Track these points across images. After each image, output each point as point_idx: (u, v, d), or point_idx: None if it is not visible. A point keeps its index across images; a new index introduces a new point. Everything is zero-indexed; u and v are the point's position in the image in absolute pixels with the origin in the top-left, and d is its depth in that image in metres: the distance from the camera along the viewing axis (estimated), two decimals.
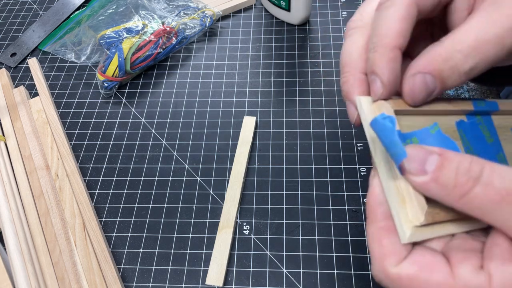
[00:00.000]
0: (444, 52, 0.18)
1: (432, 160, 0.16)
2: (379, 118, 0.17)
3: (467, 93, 0.42)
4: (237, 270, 0.34)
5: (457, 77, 0.18)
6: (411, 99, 0.19)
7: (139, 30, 0.47)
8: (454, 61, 0.18)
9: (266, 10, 0.52)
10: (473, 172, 0.15)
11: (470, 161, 0.15)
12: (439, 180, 0.16)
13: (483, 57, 0.18)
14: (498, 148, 0.21)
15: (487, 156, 0.21)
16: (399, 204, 0.17)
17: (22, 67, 0.50)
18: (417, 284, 0.16)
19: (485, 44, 0.18)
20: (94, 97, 0.46)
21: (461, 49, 0.18)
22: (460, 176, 0.15)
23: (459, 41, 0.18)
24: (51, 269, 0.34)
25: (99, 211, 0.38)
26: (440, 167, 0.16)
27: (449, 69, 0.18)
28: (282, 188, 0.38)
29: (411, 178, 0.17)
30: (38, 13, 0.56)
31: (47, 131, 0.42)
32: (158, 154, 0.41)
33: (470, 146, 0.21)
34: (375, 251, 0.17)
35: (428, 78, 0.19)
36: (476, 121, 0.22)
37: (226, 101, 0.44)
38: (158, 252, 0.35)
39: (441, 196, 0.16)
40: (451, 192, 0.15)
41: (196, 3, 0.51)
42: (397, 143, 0.16)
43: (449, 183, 0.15)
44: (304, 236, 0.35)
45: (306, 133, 0.41)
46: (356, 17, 0.22)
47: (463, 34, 0.18)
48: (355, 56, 0.21)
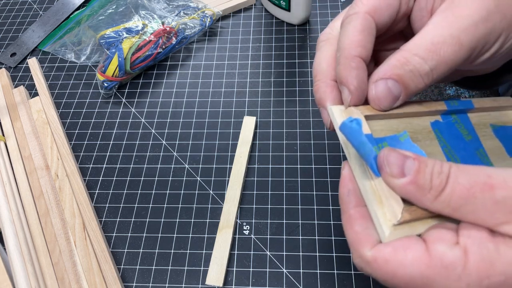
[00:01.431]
0: (402, 57, 0.19)
1: (409, 164, 0.17)
2: (346, 121, 0.18)
3: (467, 93, 0.42)
4: (237, 270, 0.34)
5: (419, 80, 0.19)
6: (377, 105, 0.20)
7: (139, 30, 0.47)
8: (412, 65, 0.19)
9: (266, 10, 0.52)
10: (444, 173, 0.16)
11: (441, 163, 0.16)
12: (417, 183, 0.16)
13: (441, 58, 0.19)
14: (477, 144, 0.22)
15: (466, 153, 0.21)
16: (377, 204, 0.18)
17: (22, 67, 0.50)
18: (393, 265, 0.16)
19: (441, 46, 0.19)
20: (94, 97, 0.46)
21: (417, 52, 0.19)
22: (435, 178, 0.16)
23: (416, 45, 0.19)
24: (51, 269, 0.34)
25: (99, 211, 0.38)
26: (418, 170, 0.16)
27: (408, 73, 0.19)
28: (282, 188, 0.38)
29: (390, 180, 0.17)
30: (38, 13, 0.56)
31: (47, 131, 0.42)
32: (158, 154, 0.41)
33: (447, 144, 0.21)
34: (350, 239, 0.18)
35: (390, 84, 0.20)
36: (452, 120, 0.23)
37: (226, 101, 0.44)
38: (158, 252, 0.35)
39: (418, 197, 0.17)
40: (427, 194, 0.16)
41: (196, 3, 0.51)
42: (365, 143, 0.18)
43: (426, 185, 0.16)
44: (304, 236, 0.35)
45: (306, 133, 0.41)
46: (326, 31, 0.24)
47: (420, 38, 0.19)
48: (324, 66, 0.22)
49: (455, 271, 0.15)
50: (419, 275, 0.16)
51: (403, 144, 0.19)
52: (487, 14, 0.19)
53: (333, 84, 0.22)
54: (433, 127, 0.22)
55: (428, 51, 0.19)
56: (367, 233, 0.18)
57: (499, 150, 0.22)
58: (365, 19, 0.20)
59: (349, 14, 0.21)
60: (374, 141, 0.19)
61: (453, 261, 0.15)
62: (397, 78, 0.19)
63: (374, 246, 0.17)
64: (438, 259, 0.16)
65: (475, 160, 0.21)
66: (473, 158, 0.21)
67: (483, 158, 0.22)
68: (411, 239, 0.17)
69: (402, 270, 0.16)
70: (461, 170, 0.16)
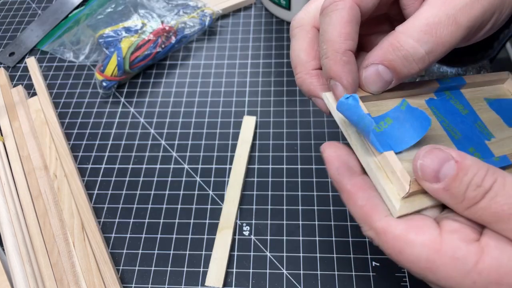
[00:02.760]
0: (395, 41, 0.18)
1: (448, 167, 0.16)
2: (342, 99, 0.18)
3: None
4: (237, 272, 0.34)
5: (412, 65, 0.19)
6: (368, 90, 0.20)
7: (138, 29, 0.47)
8: (406, 49, 0.18)
9: (266, 9, 0.52)
10: (483, 188, 0.15)
11: (485, 174, 0.15)
12: (450, 191, 0.16)
13: (438, 40, 0.18)
14: (475, 117, 0.22)
15: (465, 126, 0.22)
16: (383, 179, 0.18)
17: (20, 66, 0.50)
18: (402, 243, 0.16)
19: (437, 27, 0.18)
20: (93, 97, 0.46)
21: (412, 34, 0.18)
22: (471, 191, 0.15)
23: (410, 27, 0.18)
24: (49, 270, 0.34)
25: (97, 212, 0.38)
26: (455, 178, 0.16)
27: (401, 58, 0.18)
28: (282, 189, 0.37)
29: (423, 184, 0.17)
30: (36, 12, 0.56)
31: (46, 131, 0.42)
32: (157, 154, 0.41)
33: (445, 119, 0.21)
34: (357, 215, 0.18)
35: (381, 69, 0.19)
36: (446, 97, 0.23)
37: (225, 100, 0.44)
38: (157, 253, 0.35)
39: (450, 203, 0.16)
40: (459, 203, 0.16)
41: (196, 2, 0.51)
42: (363, 116, 0.17)
43: (459, 195, 0.16)
44: (304, 237, 0.35)
45: (306, 133, 0.41)
46: (300, 15, 0.22)
47: (414, 20, 0.18)
48: (303, 56, 0.21)
49: (465, 265, 0.15)
50: (424, 258, 0.16)
51: (405, 112, 0.19)
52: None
53: (316, 73, 0.21)
54: (429, 104, 0.22)
55: (423, 33, 0.18)
56: (372, 204, 0.17)
57: (497, 121, 0.23)
58: (351, 8, 0.19)
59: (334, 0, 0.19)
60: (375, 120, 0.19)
61: (466, 255, 0.15)
62: (388, 64, 0.19)
63: (385, 217, 0.17)
64: (450, 248, 0.15)
65: (474, 132, 0.22)
66: (472, 131, 0.22)
67: (483, 129, 0.22)
68: (426, 221, 0.16)
69: (410, 250, 0.16)
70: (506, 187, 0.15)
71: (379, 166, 0.18)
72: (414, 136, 0.19)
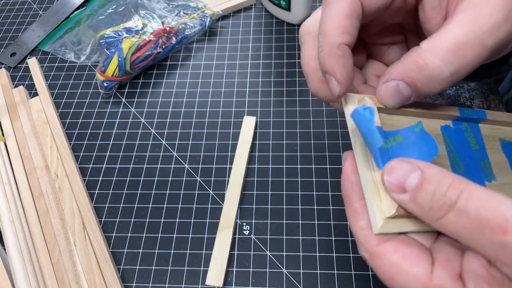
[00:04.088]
0: (419, 59, 0.18)
1: (413, 177, 0.16)
2: (359, 108, 0.18)
3: (467, 93, 0.42)
4: (237, 271, 0.34)
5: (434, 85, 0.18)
6: (385, 104, 0.20)
7: (139, 30, 0.47)
8: (431, 69, 0.18)
9: (266, 10, 0.52)
10: (448, 198, 0.15)
11: (449, 184, 0.15)
12: (416, 201, 0.16)
13: (464, 61, 0.17)
14: (483, 155, 0.22)
15: (471, 161, 0.21)
16: (373, 195, 0.18)
17: (21, 67, 0.50)
18: (395, 270, 0.16)
19: (464, 47, 0.17)
20: (94, 97, 0.46)
21: (438, 54, 0.17)
22: (435, 201, 0.15)
23: (437, 46, 0.18)
24: (50, 269, 0.34)
25: (98, 211, 0.38)
26: (419, 187, 0.15)
27: (424, 77, 0.18)
28: (282, 188, 0.38)
29: (391, 195, 0.17)
30: (37, 13, 0.56)
31: (47, 131, 0.42)
32: (157, 154, 0.41)
33: (453, 150, 0.21)
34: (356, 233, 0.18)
35: (402, 85, 0.18)
36: (462, 128, 0.22)
37: (226, 101, 0.44)
38: (158, 253, 0.35)
39: (418, 214, 0.16)
40: (427, 213, 0.15)
41: (196, 3, 0.51)
42: (374, 132, 0.17)
43: (425, 205, 0.15)
44: (304, 237, 0.35)
45: (306, 133, 0.41)
46: (309, 22, 0.22)
47: (440, 39, 0.18)
48: (313, 64, 0.21)
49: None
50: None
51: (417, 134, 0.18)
52: (508, 14, 0.17)
53: None
54: (442, 131, 0.22)
55: (450, 53, 0.17)
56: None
57: (503, 164, 0.22)
58: (353, 2, 0.18)
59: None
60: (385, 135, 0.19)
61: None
62: (409, 81, 0.18)
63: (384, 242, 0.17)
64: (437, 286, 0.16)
65: (478, 170, 0.21)
66: (477, 168, 0.21)
67: (487, 170, 0.21)
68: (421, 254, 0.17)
69: (401, 278, 0.16)
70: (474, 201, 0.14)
71: (374, 181, 0.18)
72: None
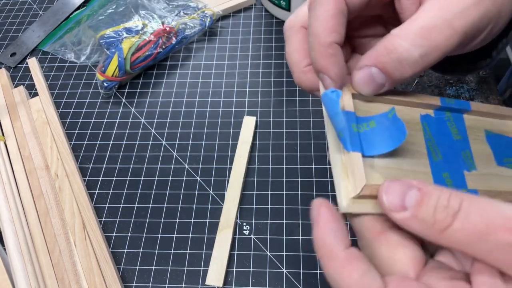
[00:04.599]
0: (389, 44, 0.18)
1: (411, 195, 0.16)
2: (327, 91, 0.18)
3: (468, 93, 0.42)
4: (237, 271, 0.34)
5: (405, 69, 0.18)
6: (360, 91, 0.20)
7: (139, 30, 0.47)
8: (399, 52, 0.18)
9: (266, 10, 0.52)
10: (451, 208, 0.15)
11: (449, 195, 0.15)
12: (418, 217, 0.15)
13: (433, 44, 0.18)
14: (464, 145, 0.22)
15: (450, 150, 0.21)
16: (341, 176, 0.18)
17: (21, 67, 0.50)
18: None
19: (433, 30, 0.18)
20: (94, 97, 0.46)
21: (406, 38, 0.18)
22: (439, 213, 0.15)
23: (405, 30, 0.18)
24: (50, 269, 0.34)
25: (98, 211, 0.38)
26: (420, 203, 0.15)
27: (393, 61, 0.18)
28: (282, 188, 0.38)
29: (391, 215, 0.16)
30: (37, 13, 0.56)
31: (47, 131, 0.42)
32: (157, 154, 0.41)
33: (432, 139, 0.21)
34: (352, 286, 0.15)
35: (374, 71, 0.19)
36: (445, 118, 0.22)
37: (226, 101, 0.44)
38: (158, 252, 0.35)
39: (422, 231, 0.15)
40: (431, 228, 0.15)
41: (196, 3, 0.51)
42: (338, 114, 0.18)
43: (428, 219, 0.15)
44: (304, 237, 0.35)
45: (306, 133, 0.41)
46: (290, 18, 0.23)
47: (409, 23, 0.18)
48: (296, 56, 0.22)
49: None
50: None
51: (389, 120, 0.19)
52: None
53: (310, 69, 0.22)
54: (422, 119, 0.22)
55: (418, 36, 0.18)
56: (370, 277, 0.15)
57: (487, 156, 0.22)
58: (337, 2, 0.19)
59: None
60: (355, 119, 0.19)
61: None
62: (381, 66, 0.19)
63: None
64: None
65: (458, 159, 0.21)
66: (456, 158, 0.21)
67: (467, 159, 0.22)
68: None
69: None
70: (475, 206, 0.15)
71: (343, 163, 0.19)
72: (387, 145, 0.19)
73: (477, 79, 0.43)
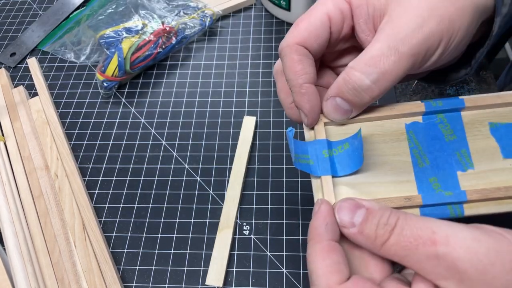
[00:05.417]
0: (346, 76, 0.21)
1: (359, 214, 0.19)
2: (287, 131, 0.22)
3: (468, 93, 0.41)
4: (237, 271, 0.34)
5: (362, 95, 0.21)
6: (331, 118, 0.23)
7: (139, 30, 0.47)
8: (353, 81, 0.20)
9: (266, 10, 0.52)
10: (389, 225, 0.18)
11: (388, 215, 0.18)
12: (364, 232, 0.18)
13: (381, 70, 0.20)
14: (460, 145, 0.22)
15: (440, 154, 0.22)
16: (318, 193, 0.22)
17: (21, 67, 0.50)
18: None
19: (380, 59, 0.20)
20: (94, 97, 0.46)
21: (358, 68, 0.20)
22: (379, 229, 0.18)
23: (357, 61, 0.20)
24: (50, 269, 0.34)
25: (98, 212, 0.38)
26: (365, 221, 0.18)
27: (351, 89, 0.21)
28: (282, 188, 0.38)
29: (343, 230, 0.19)
30: (37, 13, 0.56)
31: (47, 131, 0.42)
32: (157, 154, 0.41)
33: (418, 145, 0.22)
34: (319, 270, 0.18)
35: (339, 101, 0.22)
36: (436, 121, 0.22)
37: (226, 101, 0.44)
38: (158, 253, 0.35)
39: (367, 245, 0.18)
40: (373, 242, 0.18)
41: (196, 3, 0.51)
42: (292, 149, 0.22)
43: (371, 235, 0.18)
44: (304, 237, 0.35)
45: None
46: (277, 63, 0.25)
47: (362, 56, 0.20)
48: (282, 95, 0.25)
49: None
50: None
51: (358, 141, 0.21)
52: (422, 20, 0.20)
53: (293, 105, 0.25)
54: (408, 128, 0.23)
55: (367, 65, 0.20)
56: (339, 268, 0.18)
57: (490, 150, 0.22)
58: (297, 50, 0.22)
59: (283, 47, 0.22)
60: (327, 145, 0.22)
61: None
62: (342, 96, 0.21)
63: (343, 282, 0.18)
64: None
65: (449, 161, 0.21)
66: (447, 160, 0.21)
67: (462, 159, 0.22)
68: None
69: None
70: (408, 222, 0.17)
71: (318, 186, 0.22)
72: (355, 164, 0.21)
73: (477, 79, 0.43)
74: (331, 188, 0.21)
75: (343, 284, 0.18)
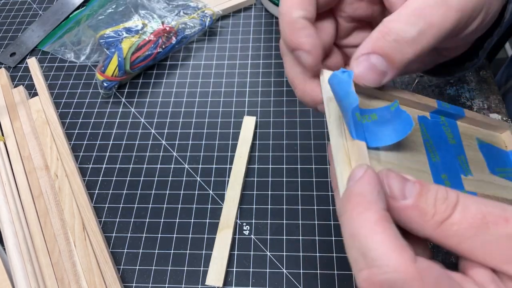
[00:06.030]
0: (384, 28, 0.18)
1: (410, 187, 0.15)
2: (337, 72, 0.17)
3: (468, 93, 0.41)
4: (237, 271, 0.34)
5: (405, 49, 0.18)
6: (363, 82, 0.19)
7: (139, 30, 0.47)
8: (395, 33, 0.17)
9: (266, 10, 0.52)
10: (451, 200, 0.15)
11: (446, 190, 0.15)
12: (419, 206, 0.15)
13: (428, 20, 0.17)
14: (460, 150, 0.22)
15: (447, 153, 0.21)
16: (344, 164, 0.18)
17: (21, 67, 0.50)
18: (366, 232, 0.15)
19: (427, 9, 0.17)
20: (94, 97, 0.46)
21: (400, 20, 0.17)
22: (439, 203, 0.15)
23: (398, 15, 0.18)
24: (50, 269, 0.34)
25: (98, 212, 0.38)
26: (421, 193, 0.15)
27: (391, 43, 0.18)
28: (282, 189, 0.37)
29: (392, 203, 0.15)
30: (37, 13, 0.56)
31: (47, 131, 0.42)
32: (157, 154, 0.41)
33: (430, 140, 0.21)
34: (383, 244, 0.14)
35: (374, 59, 0.18)
36: (440, 122, 0.22)
37: (226, 101, 0.44)
38: (158, 253, 0.35)
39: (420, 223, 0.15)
40: (430, 220, 0.15)
41: (196, 3, 0.51)
42: (351, 93, 0.17)
43: (429, 210, 0.15)
44: (304, 237, 0.35)
45: (306, 133, 0.41)
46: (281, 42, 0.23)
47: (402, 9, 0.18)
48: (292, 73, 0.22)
49: None
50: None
51: (392, 113, 0.18)
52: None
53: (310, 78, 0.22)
54: (420, 120, 0.22)
55: (413, 16, 0.17)
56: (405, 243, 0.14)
57: (480, 163, 0.22)
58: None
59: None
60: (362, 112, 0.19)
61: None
62: (380, 51, 0.18)
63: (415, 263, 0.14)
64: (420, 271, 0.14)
65: (454, 163, 0.21)
66: (452, 161, 0.21)
67: (463, 164, 0.21)
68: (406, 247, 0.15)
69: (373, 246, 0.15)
70: (471, 199, 0.15)
71: (346, 151, 0.18)
72: (392, 137, 0.18)
73: (477, 79, 0.43)
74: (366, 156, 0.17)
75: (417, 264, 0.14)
